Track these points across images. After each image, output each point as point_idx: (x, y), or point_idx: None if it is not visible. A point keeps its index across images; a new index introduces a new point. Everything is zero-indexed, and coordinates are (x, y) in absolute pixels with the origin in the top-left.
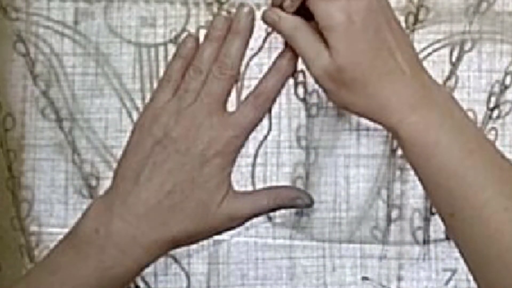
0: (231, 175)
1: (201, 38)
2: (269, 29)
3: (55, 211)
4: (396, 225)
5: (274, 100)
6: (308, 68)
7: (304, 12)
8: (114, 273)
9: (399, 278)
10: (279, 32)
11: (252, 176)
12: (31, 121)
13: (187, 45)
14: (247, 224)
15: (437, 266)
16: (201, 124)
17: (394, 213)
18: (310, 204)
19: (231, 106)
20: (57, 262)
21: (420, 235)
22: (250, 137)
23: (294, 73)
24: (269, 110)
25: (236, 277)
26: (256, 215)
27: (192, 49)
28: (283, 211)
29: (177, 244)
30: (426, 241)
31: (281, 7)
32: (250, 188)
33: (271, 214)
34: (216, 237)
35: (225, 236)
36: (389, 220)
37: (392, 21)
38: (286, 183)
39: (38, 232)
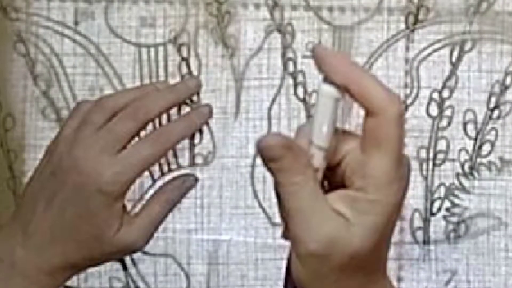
0: (127, 207)
1: (200, 39)
2: (269, 29)
3: None
4: (396, 225)
5: (173, 145)
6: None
7: None
8: None
9: (399, 279)
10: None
11: (252, 177)
12: (32, 121)
13: None
14: (247, 224)
15: (437, 267)
16: (90, 158)
17: None
18: (196, 179)
19: (230, 106)
20: None
21: (420, 235)
22: (250, 138)
23: (200, 130)
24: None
25: (236, 277)
26: (158, 226)
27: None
28: None
29: (80, 269)
30: (426, 242)
31: None
32: (249, 189)
33: (271, 214)
34: (216, 238)
35: (225, 236)
36: None
37: None
38: None
39: None
